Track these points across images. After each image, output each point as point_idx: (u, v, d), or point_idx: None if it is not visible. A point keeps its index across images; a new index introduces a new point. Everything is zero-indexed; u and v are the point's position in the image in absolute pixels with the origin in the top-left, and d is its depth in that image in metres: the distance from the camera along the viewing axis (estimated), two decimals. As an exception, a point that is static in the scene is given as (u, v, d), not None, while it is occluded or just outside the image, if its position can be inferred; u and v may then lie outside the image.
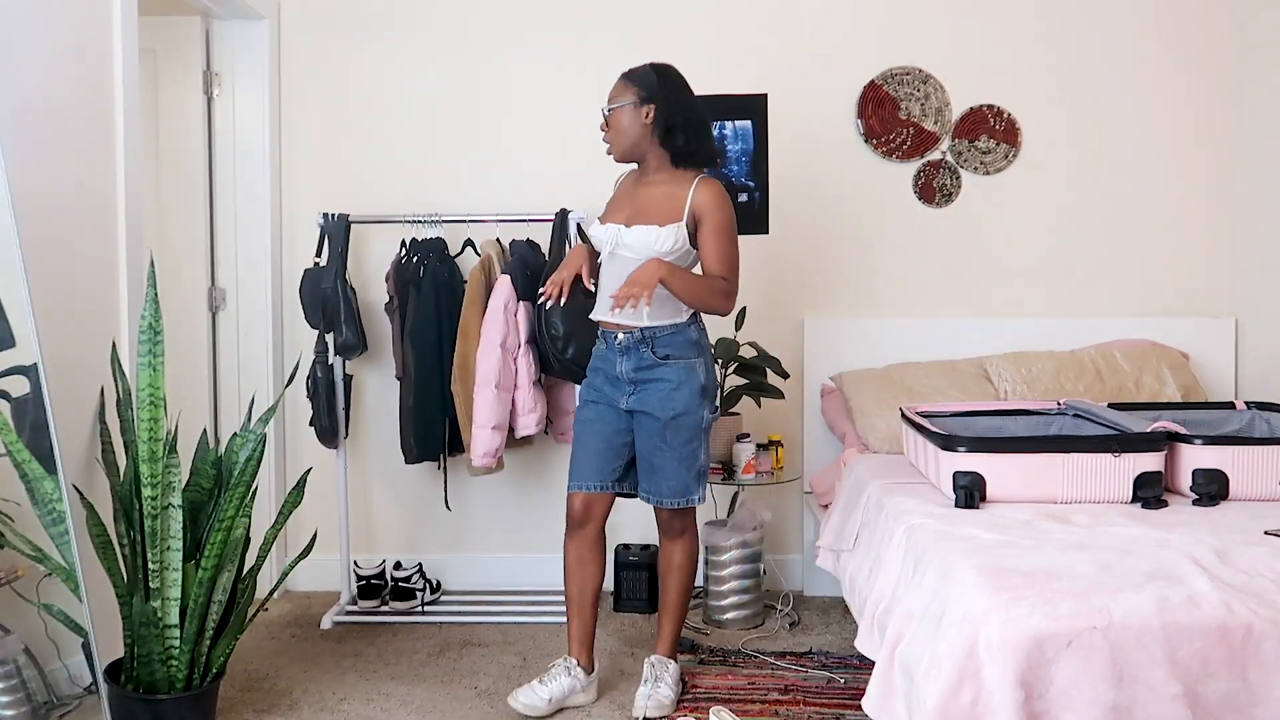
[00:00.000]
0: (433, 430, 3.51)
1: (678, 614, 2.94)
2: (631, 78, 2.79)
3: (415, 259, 3.54)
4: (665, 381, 2.77)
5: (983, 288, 3.84)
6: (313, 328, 3.54)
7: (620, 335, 2.79)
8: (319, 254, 3.53)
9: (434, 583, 3.74)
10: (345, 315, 3.47)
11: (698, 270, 2.80)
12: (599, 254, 2.87)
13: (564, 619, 3.50)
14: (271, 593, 3.09)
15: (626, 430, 2.85)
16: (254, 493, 2.64)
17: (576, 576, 2.89)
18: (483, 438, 3.33)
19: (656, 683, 2.80)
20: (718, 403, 3.16)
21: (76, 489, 2.49)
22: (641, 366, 2.78)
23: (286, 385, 3.10)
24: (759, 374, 3.56)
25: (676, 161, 2.80)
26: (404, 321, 3.53)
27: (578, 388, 3.58)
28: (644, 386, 2.79)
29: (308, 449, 3.83)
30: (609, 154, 2.84)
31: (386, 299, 3.59)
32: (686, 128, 2.77)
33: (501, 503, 3.87)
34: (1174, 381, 3.49)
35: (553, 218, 3.52)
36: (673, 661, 2.89)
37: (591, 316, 2.90)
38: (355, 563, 3.67)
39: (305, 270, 3.54)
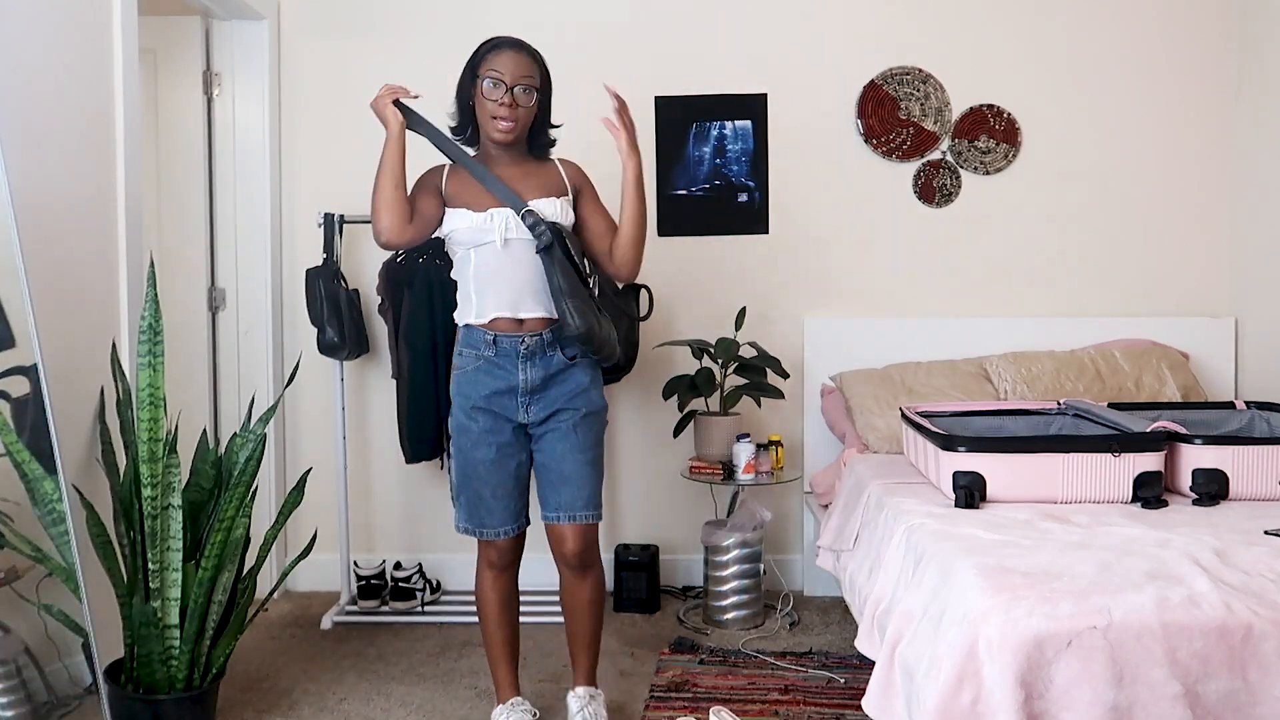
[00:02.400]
0: (425, 430, 3.51)
1: (594, 646, 2.68)
2: (535, 57, 2.50)
3: (407, 259, 3.54)
4: (572, 380, 2.52)
5: (983, 288, 3.84)
6: (314, 325, 3.55)
7: (527, 339, 2.47)
8: (330, 253, 3.55)
9: (434, 583, 3.74)
10: (328, 314, 3.48)
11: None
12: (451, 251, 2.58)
13: (562, 618, 3.51)
14: (271, 593, 3.09)
15: (526, 451, 2.57)
16: (254, 493, 2.64)
17: (507, 615, 2.66)
18: None
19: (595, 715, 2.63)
20: None
21: (76, 489, 2.49)
22: (550, 373, 2.51)
23: (286, 385, 3.10)
24: (759, 374, 3.56)
25: (533, 151, 2.59)
26: (397, 322, 3.54)
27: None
28: (545, 393, 2.51)
29: (308, 449, 3.83)
30: (504, 134, 2.47)
31: (378, 301, 3.60)
32: (549, 122, 2.60)
33: (501, 503, 3.87)
34: (1174, 381, 3.49)
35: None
36: (598, 689, 2.71)
37: (469, 320, 2.53)
38: (355, 563, 3.66)
39: (307, 270, 3.56)
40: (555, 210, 2.49)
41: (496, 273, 2.49)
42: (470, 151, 2.62)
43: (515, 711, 2.63)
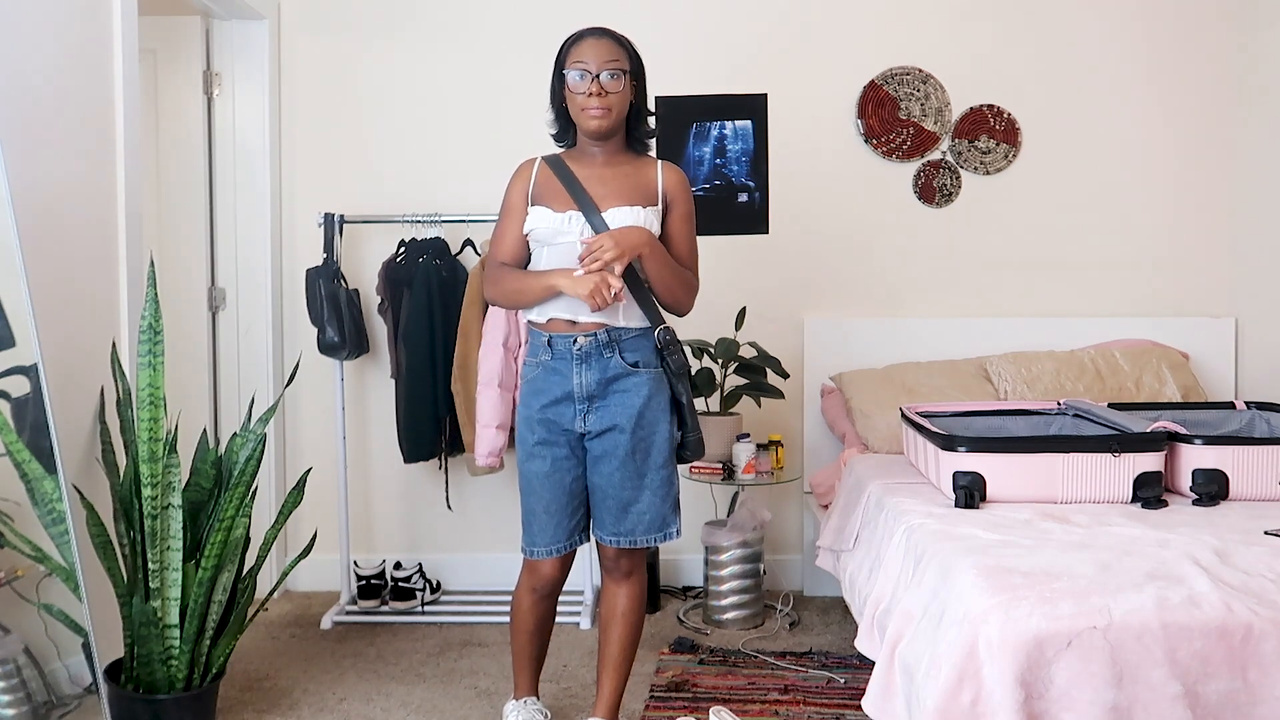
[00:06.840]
0: (422, 431, 3.52)
1: (622, 670, 2.51)
2: (619, 41, 2.38)
3: (407, 259, 3.55)
4: (633, 394, 2.37)
5: (983, 288, 3.84)
6: (314, 325, 3.55)
7: (580, 339, 2.35)
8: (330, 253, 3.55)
9: (434, 583, 3.74)
10: (328, 314, 3.48)
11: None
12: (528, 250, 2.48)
13: (562, 620, 3.52)
14: (271, 593, 3.08)
15: (582, 464, 2.43)
16: (254, 493, 2.64)
17: (539, 636, 2.58)
18: (486, 437, 3.34)
19: None
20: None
21: (76, 489, 2.49)
22: (607, 377, 2.36)
23: (286, 385, 3.10)
24: (759, 374, 3.56)
25: (632, 145, 2.47)
26: (397, 322, 3.54)
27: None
28: (604, 402, 2.37)
29: (308, 449, 3.83)
30: (598, 120, 2.33)
31: (378, 301, 3.60)
32: (646, 110, 2.47)
33: (501, 503, 3.87)
34: (1174, 381, 3.49)
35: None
36: None
37: (530, 316, 2.44)
38: (355, 563, 3.67)
39: (307, 270, 3.56)
40: (637, 220, 2.34)
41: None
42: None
43: (527, 709, 2.61)
